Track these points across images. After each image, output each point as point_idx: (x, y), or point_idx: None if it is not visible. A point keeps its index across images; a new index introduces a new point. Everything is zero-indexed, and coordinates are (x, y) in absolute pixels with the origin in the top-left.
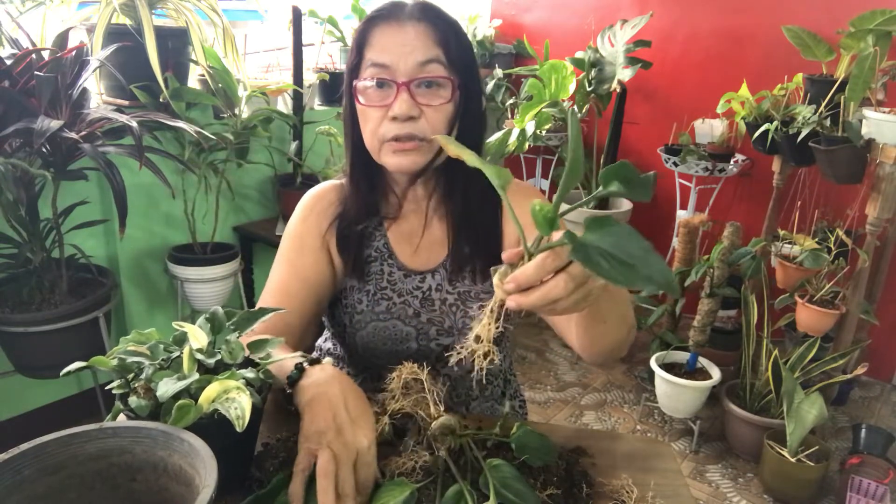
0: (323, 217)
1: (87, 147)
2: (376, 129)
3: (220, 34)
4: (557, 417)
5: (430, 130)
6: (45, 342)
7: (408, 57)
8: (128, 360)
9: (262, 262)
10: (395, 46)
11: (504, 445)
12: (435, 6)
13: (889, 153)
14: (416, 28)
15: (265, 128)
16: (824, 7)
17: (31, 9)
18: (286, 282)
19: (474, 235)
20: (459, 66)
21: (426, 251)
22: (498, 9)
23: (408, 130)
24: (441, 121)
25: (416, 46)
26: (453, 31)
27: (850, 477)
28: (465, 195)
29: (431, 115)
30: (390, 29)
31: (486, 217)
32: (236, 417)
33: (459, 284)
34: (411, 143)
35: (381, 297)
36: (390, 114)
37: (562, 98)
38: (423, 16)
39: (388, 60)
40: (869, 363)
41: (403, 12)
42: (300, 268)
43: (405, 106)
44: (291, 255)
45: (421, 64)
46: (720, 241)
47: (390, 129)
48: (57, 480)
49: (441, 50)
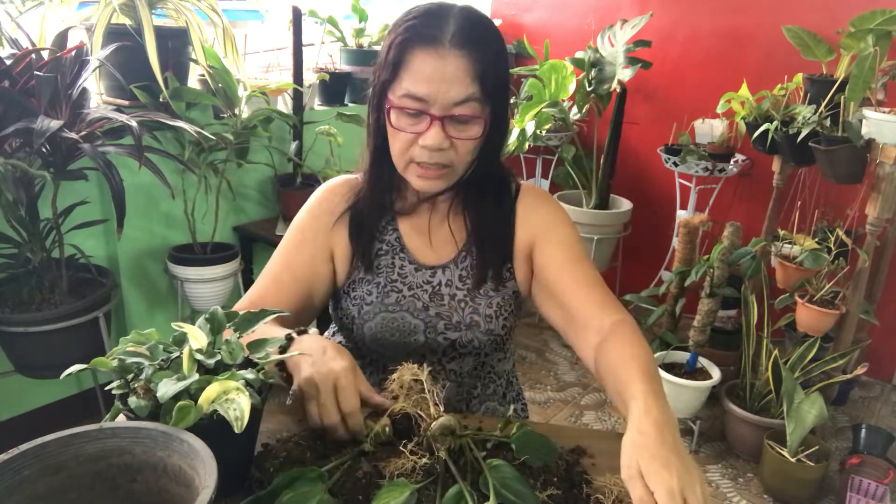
0: (332, 213)
1: (87, 147)
2: (405, 149)
3: (220, 34)
4: (557, 417)
5: (457, 160)
6: (45, 342)
7: (445, 94)
8: (127, 360)
9: (262, 262)
10: (434, 81)
11: (504, 446)
12: (479, 25)
13: (889, 153)
14: (457, 61)
15: (265, 128)
16: (824, 7)
17: (31, 9)
18: (278, 272)
19: (490, 237)
20: (493, 97)
21: (439, 247)
22: (498, 9)
23: (436, 160)
24: (469, 151)
25: (454, 83)
26: (494, 58)
27: (850, 477)
28: (483, 198)
29: (460, 147)
30: (430, 59)
31: (501, 220)
32: (235, 419)
33: (469, 281)
34: (439, 170)
35: (391, 290)
36: (421, 143)
37: (562, 98)
38: (465, 43)
39: (425, 94)
40: (869, 363)
41: (446, 38)
42: (294, 262)
43: (438, 139)
44: (290, 247)
45: (457, 103)
46: (720, 241)
47: (419, 154)
48: (57, 481)
49: (478, 86)
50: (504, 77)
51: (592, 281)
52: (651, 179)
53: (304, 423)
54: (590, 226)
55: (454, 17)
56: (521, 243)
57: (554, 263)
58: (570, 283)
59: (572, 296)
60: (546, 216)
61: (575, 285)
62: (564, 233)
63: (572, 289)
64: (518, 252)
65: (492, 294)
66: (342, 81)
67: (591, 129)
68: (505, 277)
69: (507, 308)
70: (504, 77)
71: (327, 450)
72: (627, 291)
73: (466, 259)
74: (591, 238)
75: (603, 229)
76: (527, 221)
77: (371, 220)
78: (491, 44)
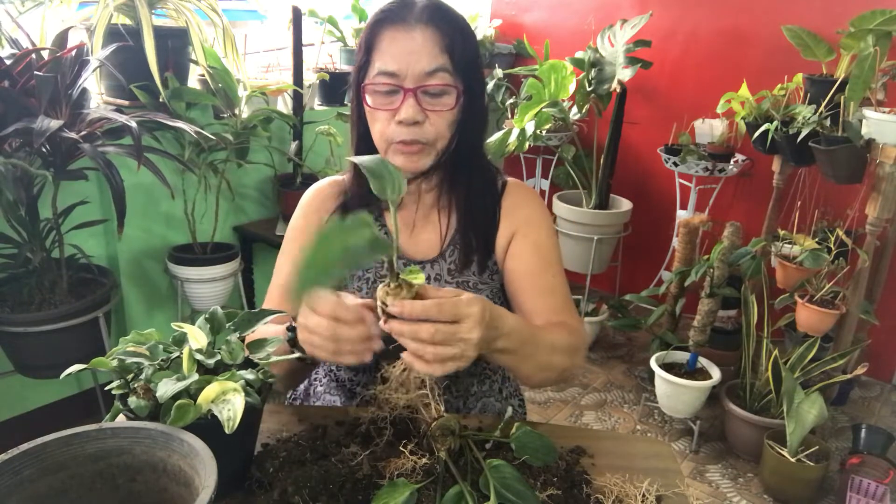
0: (322, 211)
1: (87, 147)
2: (384, 130)
3: (220, 34)
4: (557, 417)
5: (434, 134)
6: (45, 342)
7: (415, 65)
8: (127, 360)
9: (262, 262)
10: (403, 54)
11: (504, 446)
12: (444, 6)
13: (889, 153)
14: (424, 33)
15: (265, 128)
16: (824, 7)
17: (31, 9)
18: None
19: (476, 228)
20: (464, 71)
21: (425, 241)
22: (498, 9)
23: (413, 136)
24: (444, 125)
25: (422, 55)
26: (460, 34)
27: (850, 477)
28: (469, 189)
29: (436, 120)
30: (398, 34)
31: (486, 211)
32: (227, 419)
33: (459, 275)
34: (416, 146)
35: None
36: (396, 118)
37: (562, 98)
38: (430, 19)
39: (396, 68)
40: (869, 363)
41: (412, 14)
42: None
43: (411, 111)
44: (295, 251)
45: (427, 73)
46: (720, 241)
47: (397, 132)
48: (57, 481)
49: (447, 56)
50: (473, 54)
51: (554, 289)
52: (651, 179)
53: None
54: (590, 226)
55: (420, 1)
56: (502, 236)
57: (522, 265)
58: (531, 288)
59: (530, 301)
60: (529, 214)
61: (535, 292)
62: (541, 235)
63: (532, 294)
64: (499, 246)
65: (480, 287)
66: (342, 81)
67: (591, 129)
68: (491, 269)
69: (496, 301)
70: (473, 54)
71: (327, 450)
72: (627, 291)
73: (455, 253)
74: (590, 238)
75: (603, 229)
76: (511, 215)
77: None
78: (457, 20)
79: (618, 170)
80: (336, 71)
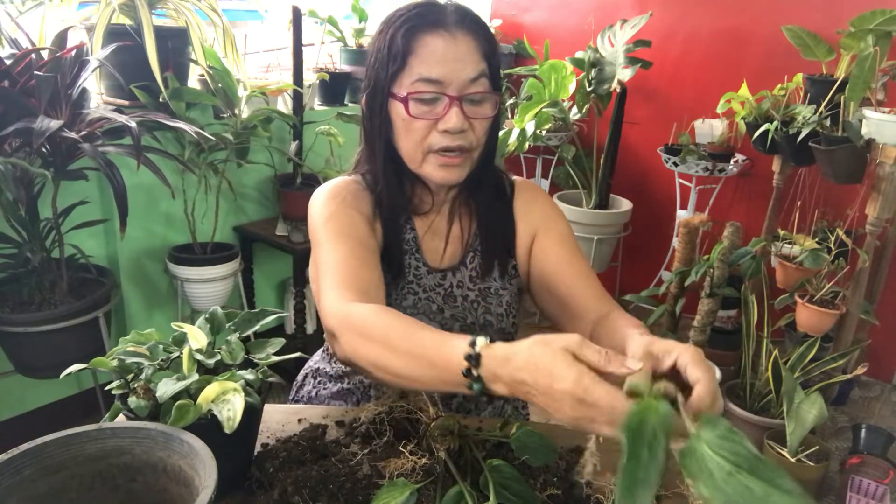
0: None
1: (87, 147)
2: (422, 140)
3: (220, 34)
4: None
5: (476, 143)
6: (45, 342)
7: (460, 72)
8: (127, 360)
9: (262, 262)
10: (448, 61)
11: (504, 446)
12: (473, 13)
13: (889, 153)
14: (466, 39)
15: (265, 128)
16: (824, 7)
17: (31, 9)
18: (347, 255)
19: (495, 233)
20: (496, 80)
21: (450, 249)
22: (498, 9)
23: (458, 143)
24: (485, 132)
25: (467, 62)
26: (493, 40)
27: (850, 477)
28: (484, 197)
29: (478, 127)
30: (441, 40)
31: (502, 214)
32: (227, 419)
33: (480, 281)
34: (460, 156)
35: (407, 292)
36: (442, 127)
37: (562, 98)
38: (469, 25)
39: (440, 75)
40: (869, 363)
41: (449, 20)
42: (360, 236)
43: (458, 120)
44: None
45: (472, 80)
46: (720, 241)
47: (440, 140)
48: (57, 481)
49: (486, 64)
50: (500, 64)
51: (589, 274)
52: (651, 179)
53: (304, 422)
54: (590, 226)
55: (450, 5)
56: (522, 237)
57: (553, 255)
58: (569, 275)
59: (571, 287)
60: (544, 210)
61: (573, 278)
62: (562, 228)
63: (571, 281)
64: (520, 247)
65: (501, 293)
66: (342, 81)
67: (591, 129)
68: (511, 274)
69: (514, 306)
70: (500, 64)
71: (327, 450)
72: (627, 291)
73: (475, 259)
74: (591, 238)
75: (603, 229)
76: (526, 215)
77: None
78: (486, 26)
79: (618, 170)
80: (336, 71)
